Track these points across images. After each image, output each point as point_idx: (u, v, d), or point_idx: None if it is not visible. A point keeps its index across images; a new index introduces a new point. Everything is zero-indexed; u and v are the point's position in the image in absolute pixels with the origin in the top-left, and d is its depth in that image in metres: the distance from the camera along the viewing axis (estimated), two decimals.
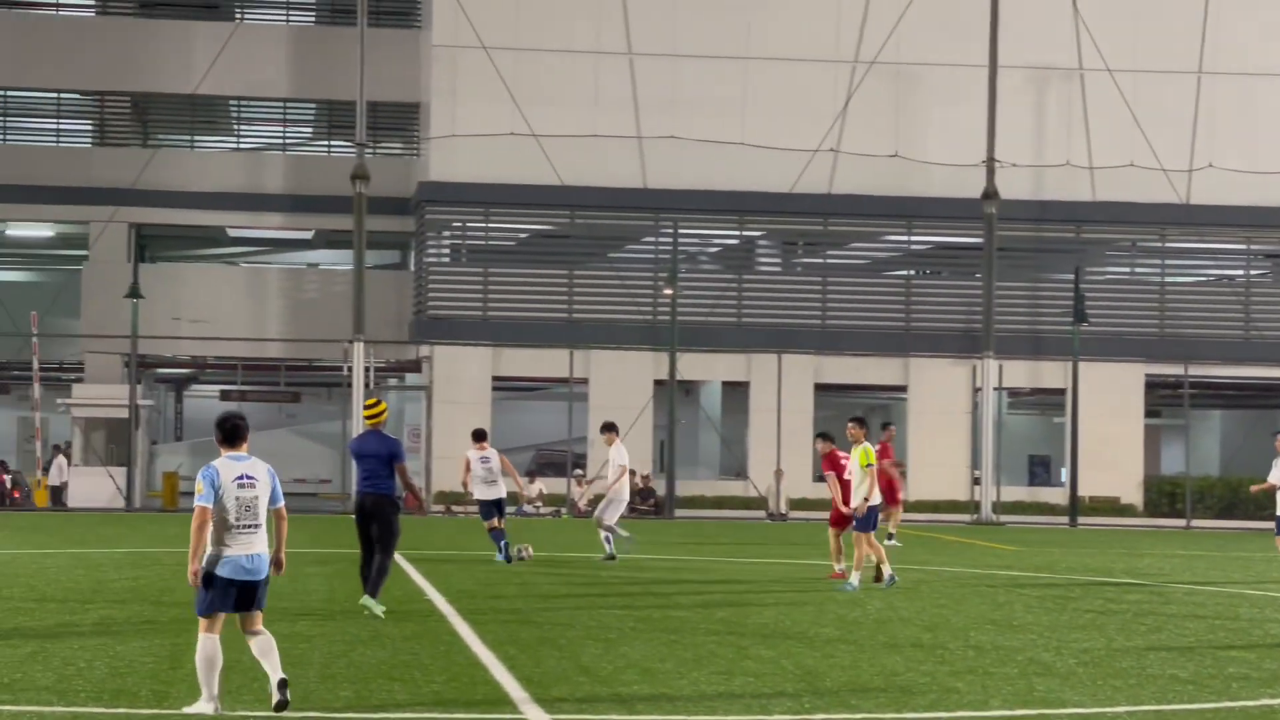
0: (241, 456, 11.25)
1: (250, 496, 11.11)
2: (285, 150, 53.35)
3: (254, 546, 11.11)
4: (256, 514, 11.13)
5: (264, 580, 11.19)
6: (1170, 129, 48.94)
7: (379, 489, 18.04)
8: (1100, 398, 47.84)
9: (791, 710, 11.48)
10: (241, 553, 11.05)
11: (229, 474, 11.11)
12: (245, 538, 11.06)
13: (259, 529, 11.12)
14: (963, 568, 26.57)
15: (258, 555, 11.12)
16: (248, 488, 11.11)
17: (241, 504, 11.07)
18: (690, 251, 50.40)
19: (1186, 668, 14.19)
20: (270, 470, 11.36)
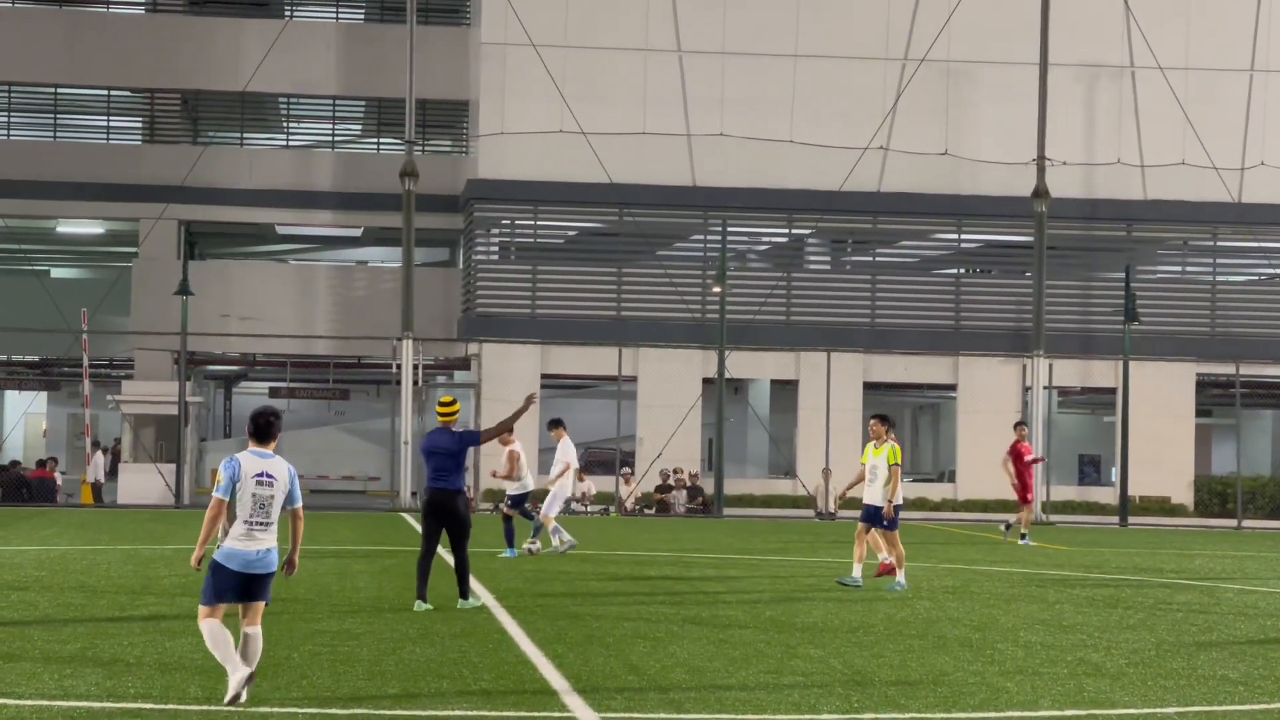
0: (266, 454, 11.47)
1: (267, 495, 11.33)
2: (334, 148, 53.53)
3: (264, 543, 11.34)
4: (269, 513, 11.35)
5: (269, 575, 11.40)
6: (1222, 127, 48.63)
7: (448, 484, 18.28)
8: (1151, 397, 47.58)
9: (840, 709, 11.46)
10: (250, 548, 11.30)
11: (250, 470, 11.35)
12: (256, 534, 11.31)
13: (270, 526, 11.34)
14: (1012, 567, 26.45)
15: (266, 551, 11.34)
16: (266, 485, 11.33)
17: (258, 501, 11.32)
18: (739, 249, 50.35)
19: (1238, 668, 14.10)
20: (292, 470, 11.53)
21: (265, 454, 11.46)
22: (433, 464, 18.34)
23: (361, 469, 56.06)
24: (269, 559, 11.36)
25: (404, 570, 22.93)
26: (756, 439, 53.17)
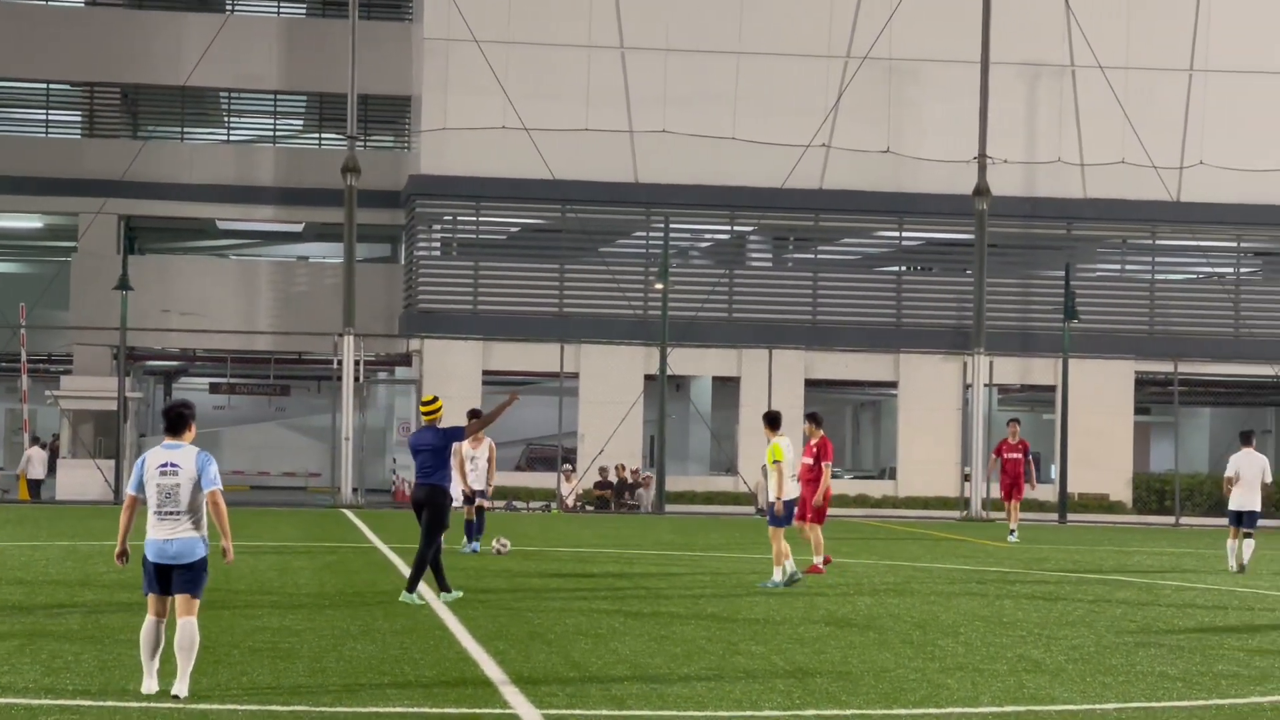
0: (175, 445, 11.58)
1: (171, 484, 11.42)
2: (276, 143, 53.29)
3: (173, 532, 11.41)
4: (178, 501, 11.41)
5: (186, 566, 11.43)
6: (1161, 126, 48.98)
7: (433, 480, 18.72)
8: (1090, 395, 47.87)
9: (782, 706, 11.48)
10: (160, 537, 11.42)
11: (154, 461, 11.51)
12: (165, 523, 11.41)
13: (180, 515, 11.40)
14: (953, 564, 26.58)
15: (177, 540, 11.41)
16: (170, 475, 11.43)
17: (163, 491, 11.42)
18: (681, 246, 50.39)
19: (1176, 665, 14.20)
20: (203, 458, 11.53)
21: (174, 445, 11.57)
22: (419, 461, 18.81)
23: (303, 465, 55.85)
24: (182, 549, 11.39)
25: (346, 566, 22.85)
26: (698, 435, 53.23)
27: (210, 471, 11.47)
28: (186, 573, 11.45)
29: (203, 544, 11.50)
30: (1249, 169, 49.05)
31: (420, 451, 18.84)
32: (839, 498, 47.98)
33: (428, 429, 19.08)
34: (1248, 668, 14.17)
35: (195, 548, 11.44)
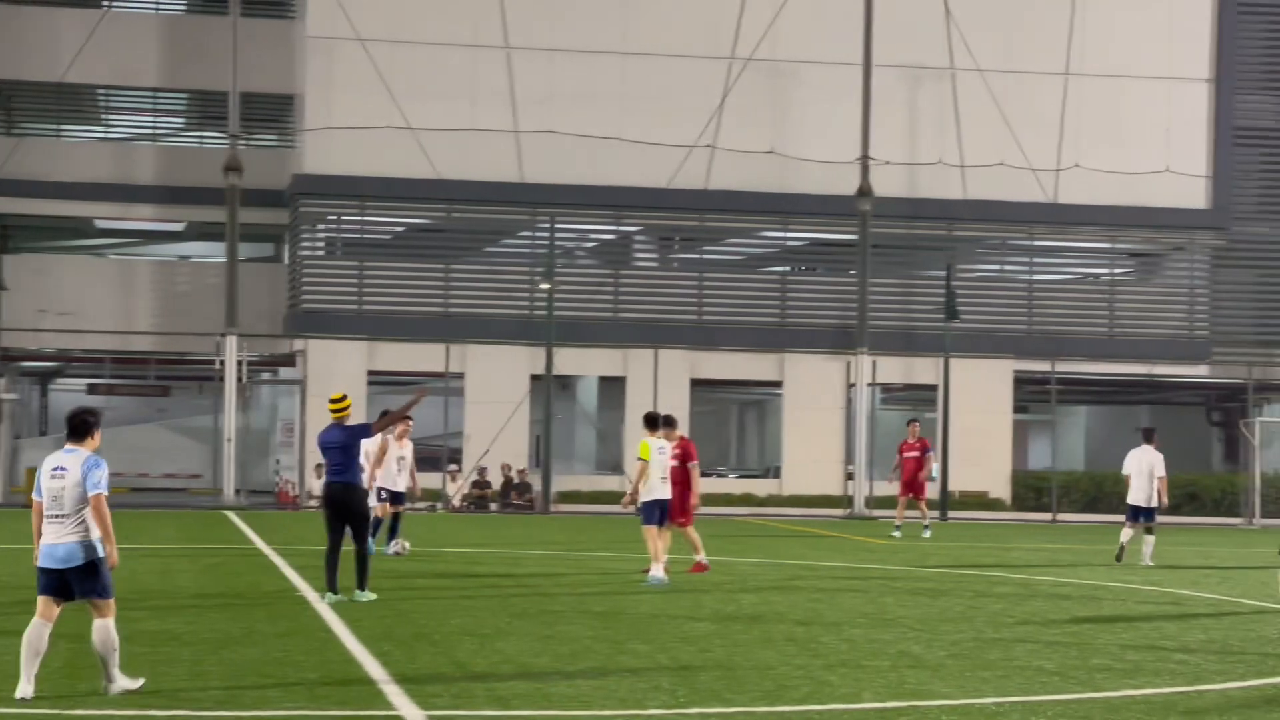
0: (71, 449, 11.63)
1: (58, 487, 11.49)
2: (156, 141, 52.70)
3: (59, 536, 11.47)
4: (63, 504, 11.46)
5: (73, 569, 11.46)
6: (1039, 129, 49.62)
7: (345, 478, 18.90)
8: (970, 393, 48.39)
9: (666, 705, 11.55)
10: (49, 541, 11.50)
11: (48, 466, 11.61)
12: (53, 527, 11.49)
13: (65, 519, 11.46)
14: (836, 562, 26.82)
15: (62, 545, 11.47)
16: (57, 479, 11.50)
17: (50, 494, 11.52)
18: (567, 246, 50.40)
19: (1052, 659, 14.44)
20: (89, 461, 11.55)
21: (70, 450, 11.62)
22: (329, 459, 19.02)
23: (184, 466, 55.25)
24: (68, 553, 11.45)
25: (228, 569, 22.69)
26: (584, 435, 53.27)
27: (94, 476, 11.47)
28: (80, 576, 11.48)
29: (83, 549, 11.48)
30: (1123, 171, 49.81)
31: (330, 449, 18.94)
32: (724, 496, 48.29)
33: (335, 426, 19.12)
34: (1120, 661, 14.43)
35: (73, 552, 11.45)
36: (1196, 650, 15.42)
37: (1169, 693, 12.65)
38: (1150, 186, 50.08)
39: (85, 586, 11.51)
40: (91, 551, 11.49)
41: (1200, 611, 19.35)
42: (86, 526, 11.50)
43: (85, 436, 11.70)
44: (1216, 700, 12.34)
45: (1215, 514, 49.18)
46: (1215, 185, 50.68)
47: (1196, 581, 23.91)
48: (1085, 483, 50.33)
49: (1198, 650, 15.42)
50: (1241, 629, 17.44)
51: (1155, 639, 16.29)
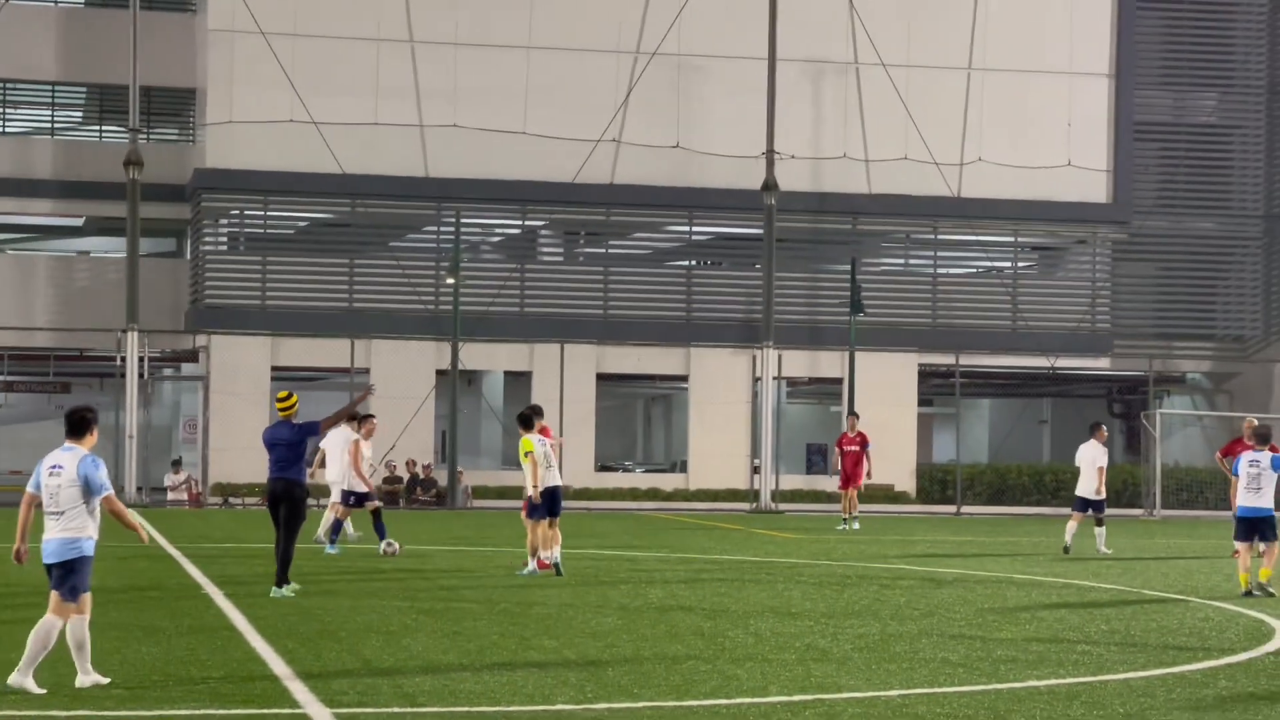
0: (69, 448, 12.05)
1: (55, 485, 11.84)
2: (54, 135, 52.05)
3: (52, 532, 11.77)
4: (58, 501, 11.78)
5: (61, 565, 11.73)
6: (942, 123, 49.95)
7: (289, 475, 19.24)
8: (875, 387, 48.66)
9: (574, 700, 11.55)
10: (46, 537, 11.80)
11: (47, 463, 11.99)
12: (49, 522, 11.80)
13: (59, 516, 11.76)
14: (743, 556, 26.90)
15: (54, 540, 11.77)
16: (54, 476, 11.87)
17: (48, 491, 11.87)
18: (472, 241, 50.25)
19: (957, 651, 14.55)
20: (87, 461, 11.91)
21: (69, 448, 12.02)
22: (274, 456, 19.25)
23: None
24: (59, 549, 11.74)
25: (129, 567, 22.46)
26: (490, 431, 53.13)
27: (97, 477, 11.83)
28: (61, 572, 11.76)
29: (80, 545, 11.78)
30: (1025, 166, 50.27)
31: (276, 446, 19.22)
32: (630, 491, 48.34)
33: (283, 424, 19.41)
34: (1025, 652, 14.56)
35: (69, 548, 11.75)
36: (1099, 641, 15.59)
37: (1072, 683, 12.78)
38: (1052, 181, 50.57)
39: (61, 581, 11.75)
40: (78, 550, 11.75)
41: (1103, 602, 19.56)
42: (81, 524, 11.79)
43: (84, 434, 12.12)
44: (1119, 689, 12.48)
45: (1116, 505, 49.65)
46: (1116, 179, 51.24)
47: (1099, 573, 24.17)
48: (989, 475, 50.77)
49: (1100, 641, 15.59)
50: (1143, 619, 17.64)
51: (1059, 630, 16.45)
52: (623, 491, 47.84)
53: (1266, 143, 53.15)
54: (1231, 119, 53.22)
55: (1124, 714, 11.31)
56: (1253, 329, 53.47)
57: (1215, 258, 53.60)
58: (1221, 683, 12.93)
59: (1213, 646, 15.28)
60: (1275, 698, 12.19)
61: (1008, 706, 11.55)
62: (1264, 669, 13.82)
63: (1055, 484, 50.06)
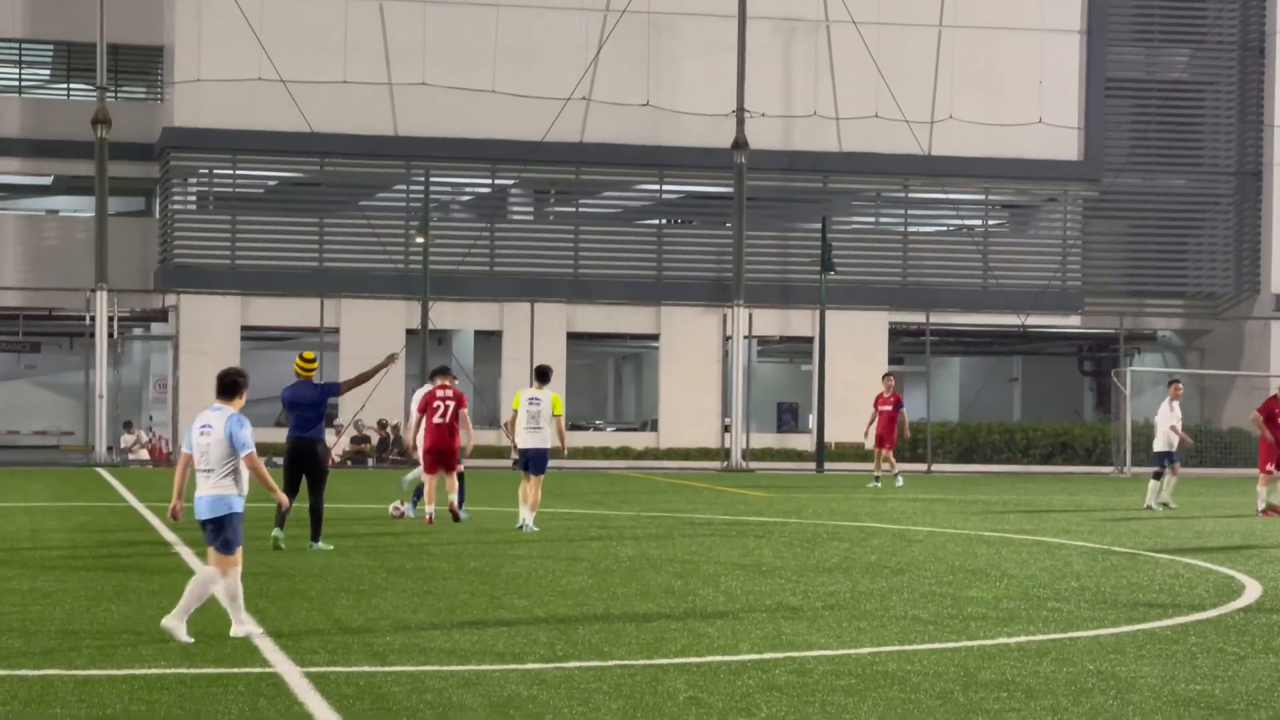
0: (219, 408, 12.53)
1: (205, 444, 12.38)
2: (21, 93, 51.70)
3: (203, 489, 12.37)
4: (208, 459, 12.35)
5: (212, 521, 12.36)
6: (913, 81, 49.90)
7: (310, 434, 19.82)
8: (846, 345, 48.72)
9: (544, 658, 11.54)
10: (198, 493, 12.42)
11: (198, 423, 12.52)
12: (200, 480, 12.39)
13: (210, 474, 12.35)
14: (713, 514, 26.92)
15: (205, 497, 12.37)
16: (205, 435, 12.39)
17: (199, 450, 12.42)
18: (442, 200, 50.10)
19: (928, 609, 14.58)
20: (233, 421, 12.42)
21: (217, 408, 12.51)
22: (295, 415, 19.74)
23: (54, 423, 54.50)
24: (210, 505, 12.34)
25: (100, 526, 22.40)
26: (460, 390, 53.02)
27: (241, 435, 12.34)
28: (213, 528, 12.39)
29: (226, 501, 12.36)
30: (996, 123, 50.26)
31: (298, 405, 19.70)
32: (601, 450, 48.35)
33: (305, 384, 19.85)
34: (995, 609, 14.60)
35: (218, 505, 12.35)
36: (1069, 597, 15.64)
37: (1042, 639, 12.82)
38: (1023, 138, 50.58)
39: (214, 537, 12.39)
40: (227, 506, 12.36)
41: (1072, 559, 19.63)
42: (230, 482, 12.38)
43: (234, 396, 12.60)
44: (1089, 646, 12.52)
45: (1087, 463, 49.94)
46: (1087, 137, 51.26)
47: (1069, 529, 24.25)
48: (960, 433, 50.87)
49: (1070, 597, 15.64)
50: (1113, 576, 17.71)
51: (1029, 587, 16.50)
52: (593, 450, 47.86)
53: (1239, 99, 53.21)
54: (1203, 75, 53.25)
55: (1094, 670, 11.35)
56: (1224, 286, 53.61)
57: (1187, 215, 53.70)
58: (1191, 639, 12.98)
59: (1182, 603, 15.35)
60: (1244, 653, 12.25)
61: (978, 663, 11.58)
62: (1233, 625, 13.89)
63: (1025, 442, 50.25)
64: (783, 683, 10.68)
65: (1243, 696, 10.44)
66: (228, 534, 12.37)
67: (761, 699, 10.07)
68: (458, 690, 10.23)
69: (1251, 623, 14.04)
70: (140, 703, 9.64)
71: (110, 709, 9.44)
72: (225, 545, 12.38)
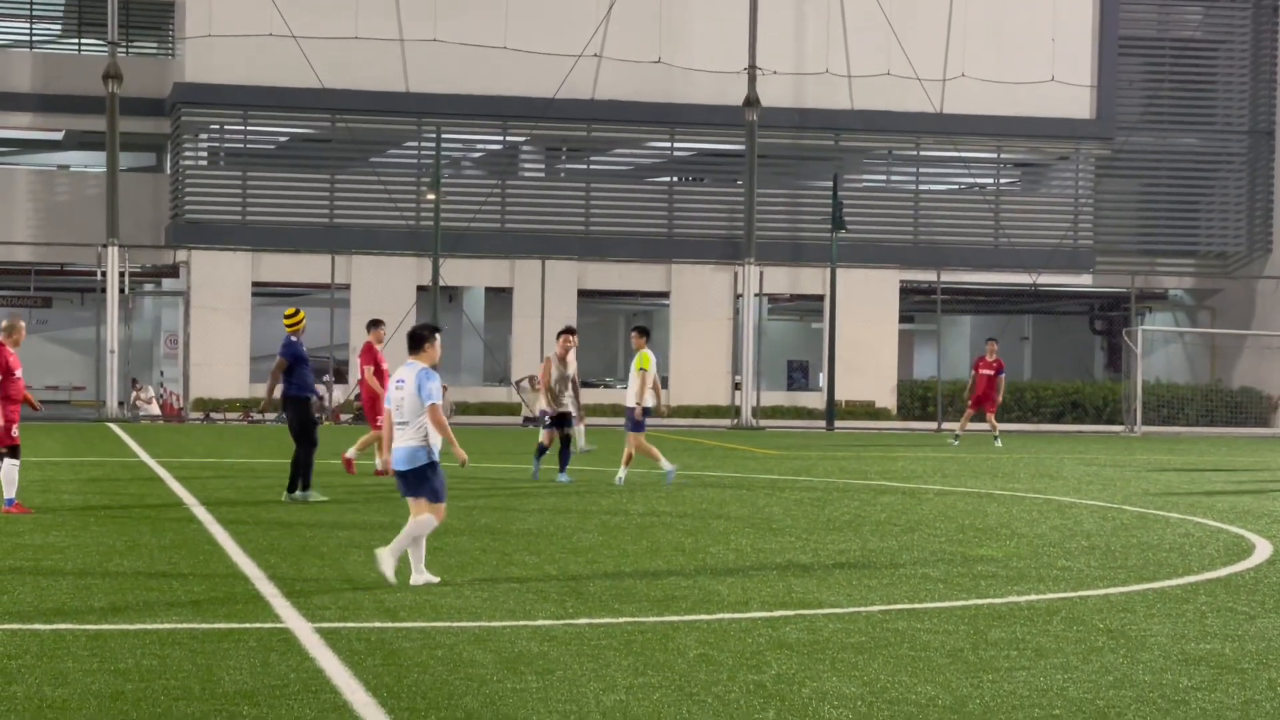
0: (411, 363, 13.12)
1: (400, 397, 13.00)
2: (33, 47, 51.62)
3: (399, 440, 12.95)
4: (404, 413, 12.95)
5: (410, 471, 12.91)
6: (925, 39, 49.73)
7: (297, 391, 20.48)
8: (857, 304, 48.70)
9: (555, 615, 11.57)
10: (395, 445, 12.97)
11: (394, 378, 13.18)
12: (397, 433, 12.98)
13: (405, 426, 12.93)
14: (724, 472, 26.96)
15: (401, 448, 12.90)
16: (399, 389, 13.02)
17: (395, 403, 13.05)
18: (453, 156, 50.03)
19: (938, 567, 14.60)
20: (420, 372, 12.97)
21: (410, 363, 13.11)
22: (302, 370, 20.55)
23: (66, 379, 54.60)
24: (404, 455, 12.86)
25: (111, 481, 22.46)
26: (471, 347, 53.11)
27: (427, 387, 12.86)
28: (411, 477, 12.94)
29: (423, 452, 12.85)
30: (1008, 81, 50.09)
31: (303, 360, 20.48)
32: (611, 407, 48.38)
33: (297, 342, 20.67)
34: (1005, 568, 14.62)
35: (414, 455, 12.84)
36: (1079, 556, 15.65)
37: (1052, 598, 12.83)
38: (1035, 96, 50.40)
39: (413, 487, 12.96)
40: (423, 457, 12.86)
41: (1083, 518, 19.63)
42: (424, 433, 12.87)
43: (420, 349, 13.15)
44: (1099, 605, 12.53)
45: (1097, 422, 49.93)
46: (1100, 95, 51.08)
47: (1079, 489, 24.26)
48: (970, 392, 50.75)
49: (1080, 556, 15.65)
50: (1124, 535, 17.72)
51: (1039, 546, 16.51)
52: (604, 408, 47.89)
53: (1252, 57, 52.99)
54: (1217, 33, 53.03)
55: (1104, 629, 11.36)
56: (1235, 245, 53.49)
57: (1199, 174, 53.54)
58: (1202, 598, 12.99)
59: (1193, 562, 15.36)
60: (1254, 612, 12.26)
61: (988, 622, 11.59)
62: (1244, 584, 13.90)
63: (1036, 400, 50.23)
64: (793, 640, 10.70)
65: (1252, 656, 10.45)
66: (433, 483, 12.94)
67: (771, 656, 10.10)
68: (468, 646, 10.26)
69: (1262, 582, 14.05)
70: (152, 657, 9.68)
71: (122, 663, 9.47)
72: (433, 494, 12.95)
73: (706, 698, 8.86)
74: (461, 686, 9.03)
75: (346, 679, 9.17)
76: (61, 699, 8.55)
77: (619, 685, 9.12)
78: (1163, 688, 9.36)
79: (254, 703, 8.53)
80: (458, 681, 9.16)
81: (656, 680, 9.28)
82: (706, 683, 9.25)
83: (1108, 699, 9.04)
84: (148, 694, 8.68)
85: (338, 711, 8.39)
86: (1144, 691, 9.25)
